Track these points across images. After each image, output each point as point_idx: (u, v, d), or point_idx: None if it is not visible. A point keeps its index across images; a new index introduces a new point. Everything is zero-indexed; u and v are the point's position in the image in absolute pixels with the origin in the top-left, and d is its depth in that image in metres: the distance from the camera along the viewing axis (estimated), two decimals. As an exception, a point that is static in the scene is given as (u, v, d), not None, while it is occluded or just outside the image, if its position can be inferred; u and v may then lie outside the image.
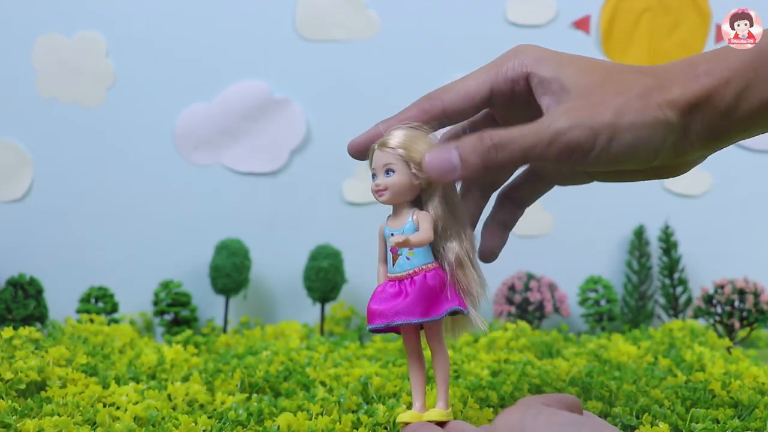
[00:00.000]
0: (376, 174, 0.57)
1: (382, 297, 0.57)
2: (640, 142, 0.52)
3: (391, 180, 0.57)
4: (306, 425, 0.71)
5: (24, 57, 1.27)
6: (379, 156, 0.57)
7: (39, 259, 1.28)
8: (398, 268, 0.57)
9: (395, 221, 0.58)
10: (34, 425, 0.69)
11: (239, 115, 1.30)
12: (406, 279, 0.57)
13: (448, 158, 0.54)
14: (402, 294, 0.56)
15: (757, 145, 1.34)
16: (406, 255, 0.57)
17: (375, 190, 0.57)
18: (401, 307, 0.56)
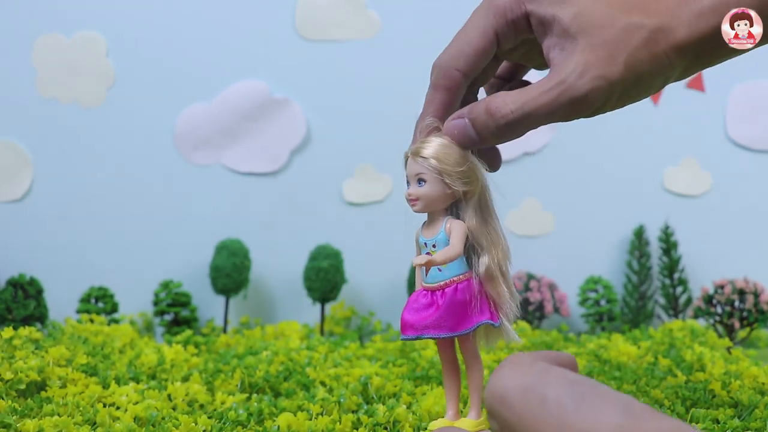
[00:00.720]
0: (410, 182, 0.57)
1: (415, 307, 0.57)
2: (645, 92, 0.53)
3: (423, 191, 0.56)
4: (306, 425, 0.71)
5: (24, 57, 1.27)
6: (412, 165, 0.57)
7: (39, 259, 1.28)
8: (431, 279, 0.57)
9: (429, 229, 0.58)
10: (34, 425, 0.69)
11: (239, 115, 1.30)
12: (438, 290, 0.56)
13: (465, 132, 0.55)
14: (433, 306, 0.56)
15: (757, 145, 1.34)
16: (440, 266, 0.56)
17: (408, 199, 0.57)
18: (430, 321, 0.56)
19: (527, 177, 1.33)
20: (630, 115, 1.34)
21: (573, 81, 0.52)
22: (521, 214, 1.34)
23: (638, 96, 0.54)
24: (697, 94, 1.34)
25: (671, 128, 1.34)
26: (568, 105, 0.52)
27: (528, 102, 0.53)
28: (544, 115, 0.52)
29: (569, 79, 0.52)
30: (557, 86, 0.52)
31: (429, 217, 0.58)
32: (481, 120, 0.54)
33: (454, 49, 0.59)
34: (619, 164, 1.34)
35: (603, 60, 0.51)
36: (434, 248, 0.56)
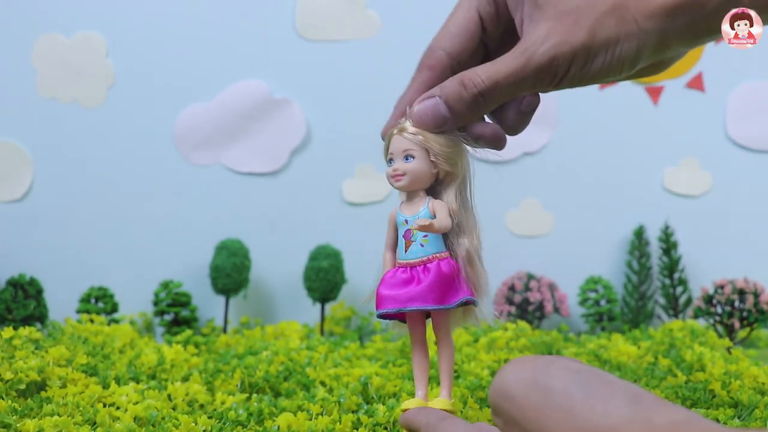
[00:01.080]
0: (394, 159, 0.57)
1: (393, 282, 0.57)
2: (614, 59, 0.52)
3: (411, 166, 0.56)
4: (306, 425, 0.71)
5: (24, 57, 1.27)
6: (399, 141, 0.57)
7: (39, 259, 1.28)
8: (411, 255, 0.57)
9: (409, 207, 0.58)
10: (34, 425, 0.69)
11: (239, 115, 1.30)
12: (418, 266, 0.56)
13: (437, 109, 0.55)
14: (414, 280, 0.56)
15: (757, 145, 1.34)
16: (420, 242, 0.56)
17: (392, 175, 0.57)
18: (415, 293, 0.55)
19: (527, 177, 1.33)
20: (630, 115, 1.34)
21: (536, 48, 0.52)
22: (521, 214, 1.34)
23: (610, 65, 0.52)
24: (697, 94, 1.34)
25: (671, 128, 1.34)
26: (534, 73, 0.52)
27: (496, 71, 0.53)
28: (513, 84, 0.53)
29: (533, 47, 0.52)
30: (522, 54, 0.53)
31: (408, 196, 0.58)
32: (455, 93, 0.54)
33: (441, 30, 0.60)
34: (619, 164, 1.34)
35: (567, 26, 0.51)
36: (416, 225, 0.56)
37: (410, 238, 0.57)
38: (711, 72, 1.33)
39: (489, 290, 0.60)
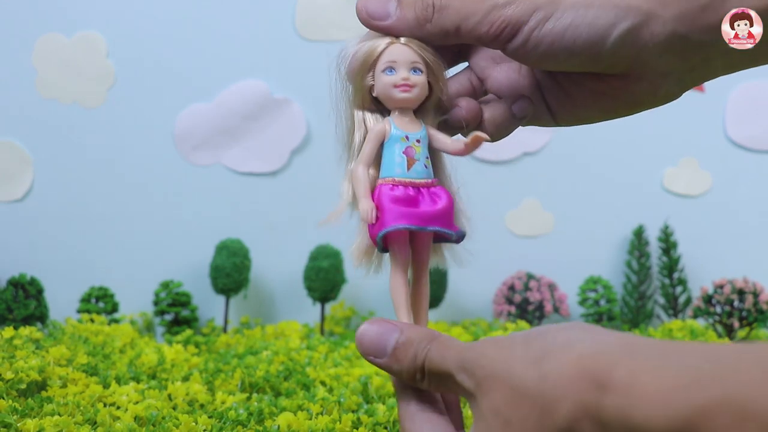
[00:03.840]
0: (397, 68, 0.51)
1: (401, 198, 0.50)
2: (582, 22, 0.45)
3: (420, 79, 0.51)
4: (306, 425, 0.71)
5: (24, 57, 1.27)
6: (404, 51, 0.51)
7: (39, 259, 1.28)
8: (416, 174, 0.51)
9: (407, 124, 0.52)
10: (35, 425, 0.69)
11: (239, 115, 1.30)
12: (424, 188, 0.51)
13: (384, 3, 0.50)
14: (425, 200, 0.51)
15: (757, 145, 1.35)
16: (423, 162, 0.52)
17: (400, 84, 0.50)
18: (434, 213, 0.50)
19: (527, 177, 1.34)
20: (630, 116, 1.34)
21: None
22: (521, 214, 1.34)
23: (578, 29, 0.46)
24: (696, 94, 1.34)
25: (671, 128, 1.34)
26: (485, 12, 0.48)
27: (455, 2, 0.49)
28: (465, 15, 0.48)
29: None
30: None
31: (401, 113, 0.52)
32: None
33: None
34: (618, 164, 1.34)
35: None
36: (418, 144, 0.52)
37: (414, 156, 0.52)
38: (711, 72, 1.33)
39: None
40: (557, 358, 0.36)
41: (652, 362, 0.32)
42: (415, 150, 0.51)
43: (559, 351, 0.36)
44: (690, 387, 0.29)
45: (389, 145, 0.52)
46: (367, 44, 0.51)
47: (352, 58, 0.51)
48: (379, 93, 0.51)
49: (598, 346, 0.35)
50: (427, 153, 0.52)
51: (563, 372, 0.35)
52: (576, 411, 0.33)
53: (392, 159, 0.52)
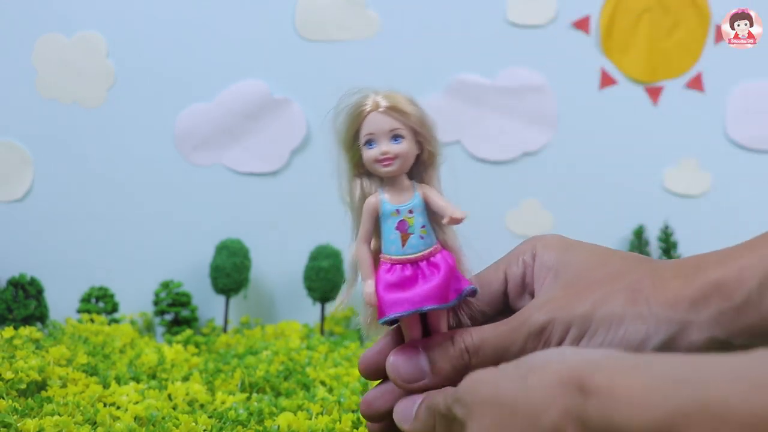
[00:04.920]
0: (377, 140, 0.50)
1: (397, 281, 0.50)
2: (617, 339, 0.44)
3: (401, 148, 0.50)
4: (306, 425, 0.71)
5: (24, 57, 1.27)
6: (381, 119, 0.50)
7: (39, 259, 1.28)
8: (411, 249, 0.50)
9: (396, 195, 0.51)
10: (35, 425, 0.69)
11: (239, 115, 1.30)
12: (421, 260, 0.50)
13: (416, 363, 0.49)
14: (421, 277, 0.50)
15: (757, 145, 1.34)
16: (419, 233, 0.50)
17: (381, 159, 0.49)
18: (430, 290, 0.49)
19: (527, 177, 1.33)
20: (630, 115, 1.34)
21: (533, 312, 0.47)
22: (521, 214, 1.34)
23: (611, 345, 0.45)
24: (696, 94, 1.34)
25: (671, 128, 1.34)
26: (525, 336, 0.47)
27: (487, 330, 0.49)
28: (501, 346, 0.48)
29: (529, 311, 0.48)
30: (518, 317, 0.48)
31: (391, 182, 0.51)
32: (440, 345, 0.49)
33: None
34: (618, 164, 1.34)
35: (571, 294, 0.46)
36: (410, 215, 0.50)
37: (407, 230, 0.51)
38: (711, 72, 1.33)
39: None
40: (543, 370, 0.36)
41: (632, 367, 0.33)
42: (407, 223, 0.50)
43: (545, 364, 0.37)
44: (670, 389, 0.30)
45: (383, 220, 0.51)
46: (346, 113, 0.51)
47: (337, 128, 0.51)
48: (366, 166, 0.51)
49: (582, 356, 0.36)
50: (423, 220, 0.51)
51: (547, 382, 0.35)
52: (561, 417, 0.34)
53: (387, 236, 0.51)
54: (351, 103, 0.51)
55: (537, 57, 1.32)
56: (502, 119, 1.32)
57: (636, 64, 1.32)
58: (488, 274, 0.53)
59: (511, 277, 0.51)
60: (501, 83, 1.32)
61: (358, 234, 0.52)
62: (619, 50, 1.32)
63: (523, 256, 0.51)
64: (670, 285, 0.44)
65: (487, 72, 1.32)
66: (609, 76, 1.33)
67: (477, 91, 1.31)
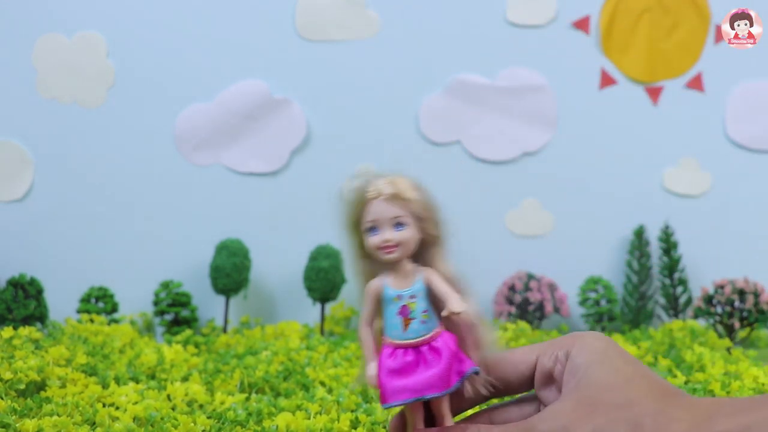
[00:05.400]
0: (379, 227, 0.50)
1: (398, 368, 0.50)
2: None
3: (404, 236, 0.50)
4: (304, 424, 0.71)
5: (24, 57, 1.27)
6: (383, 207, 0.50)
7: (39, 259, 1.28)
8: (413, 334, 0.51)
9: (398, 280, 0.51)
10: (34, 425, 0.69)
11: (239, 115, 1.30)
12: (422, 345, 0.51)
13: None
14: (423, 362, 0.50)
15: (757, 145, 1.34)
16: (420, 318, 0.51)
17: (382, 247, 0.50)
18: (432, 378, 0.50)
19: (527, 177, 1.33)
20: (630, 115, 1.34)
21: (539, 423, 0.48)
22: (521, 214, 1.34)
23: None
24: (696, 94, 1.34)
25: (671, 128, 1.34)
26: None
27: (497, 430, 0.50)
28: None
29: (537, 420, 0.49)
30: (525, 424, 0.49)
31: (395, 267, 0.51)
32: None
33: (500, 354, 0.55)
34: (619, 164, 1.34)
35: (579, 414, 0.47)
36: (412, 300, 0.51)
37: (408, 315, 0.51)
38: (711, 72, 1.33)
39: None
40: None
41: None
42: (409, 309, 0.51)
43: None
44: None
45: (385, 304, 0.51)
46: (349, 200, 0.51)
47: (342, 213, 0.51)
48: (369, 252, 0.51)
49: None
50: (425, 305, 0.51)
51: None
52: None
53: (390, 320, 0.51)
54: (354, 188, 0.51)
55: (537, 57, 1.32)
56: (502, 119, 1.32)
57: (636, 64, 1.32)
58: (520, 355, 0.53)
59: (541, 367, 0.52)
60: (501, 83, 1.32)
61: (361, 316, 0.52)
62: (619, 50, 1.32)
63: (559, 352, 0.51)
64: (670, 428, 0.44)
65: (487, 72, 1.31)
66: (609, 76, 1.33)
67: (477, 91, 1.31)
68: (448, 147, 1.32)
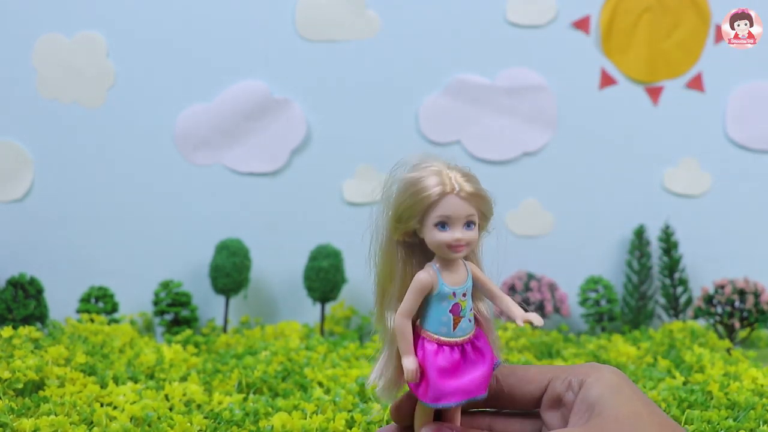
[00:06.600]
0: (451, 224, 0.48)
1: (450, 367, 0.49)
2: None
3: (473, 235, 0.49)
4: (300, 424, 0.71)
5: (24, 57, 1.27)
6: (460, 204, 0.48)
7: (39, 259, 1.28)
8: (461, 332, 0.49)
9: (452, 275, 0.49)
10: (31, 424, 0.70)
11: (239, 115, 1.30)
12: (467, 343, 0.50)
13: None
14: (469, 362, 0.49)
15: (757, 145, 1.34)
16: (468, 317, 0.50)
17: (453, 245, 0.48)
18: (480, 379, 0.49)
19: (527, 177, 1.33)
20: (630, 115, 1.34)
21: None
22: (521, 214, 1.34)
23: None
24: (696, 94, 1.33)
25: (671, 128, 1.34)
26: None
27: None
28: None
29: None
30: None
31: (448, 263, 0.49)
32: None
33: (510, 365, 0.56)
34: (619, 164, 1.34)
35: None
36: (464, 298, 0.49)
37: (459, 313, 0.49)
38: (711, 72, 1.33)
39: None
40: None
41: None
42: (461, 306, 0.49)
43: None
44: None
45: (436, 300, 0.49)
46: (419, 184, 0.48)
47: (399, 195, 0.48)
48: (429, 244, 0.48)
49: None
50: (470, 302, 0.50)
51: None
52: None
53: (438, 317, 0.49)
54: (410, 179, 0.48)
55: (537, 57, 1.32)
56: (502, 119, 1.32)
57: (636, 64, 1.32)
58: (534, 374, 0.52)
59: (551, 390, 0.51)
60: (501, 83, 1.31)
61: (402, 307, 0.49)
62: (619, 50, 1.32)
63: (573, 379, 0.51)
64: None
65: (487, 72, 1.31)
66: (609, 76, 1.32)
67: (477, 91, 1.31)
68: (448, 147, 1.32)
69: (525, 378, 0.52)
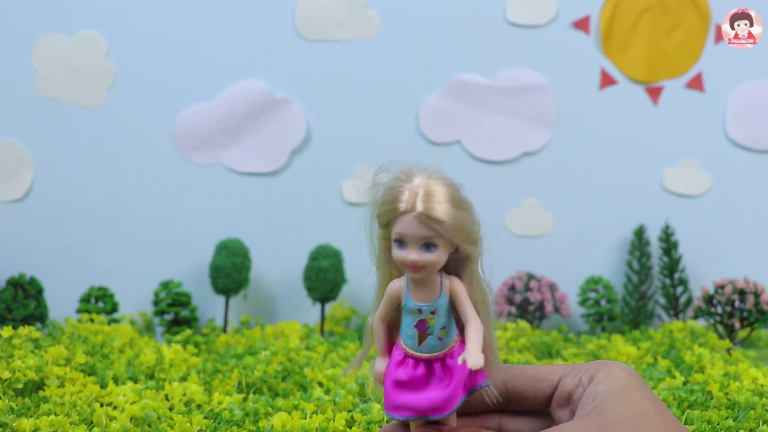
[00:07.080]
0: (407, 244, 0.46)
1: (408, 380, 0.47)
2: None
3: (433, 258, 0.45)
4: (300, 424, 0.71)
5: (24, 57, 1.28)
6: (415, 227, 0.45)
7: (39, 259, 1.28)
8: (427, 349, 0.47)
9: (421, 291, 0.47)
10: (30, 424, 0.69)
11: (239, 115, 1.30)
12: (437, 361, 0.47)
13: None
14: (433, 379, 0.47)
15: (757, 145, 1.34)
16: (438, 335, 0.47)
17: (410, 266, 0.46)
18: (439, 400, 0.47)
19: (527, 177, 1.33)
20: (630, 115, 1.34)
21: None
22: (521, 214, 1.34)
23: None
24: (696, 94, 1.33)
25: (671, 128, 1.34)
26: None
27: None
28: None
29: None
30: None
31: (416, 280, 0.47)
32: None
33: (519, 365, 0.56)
34: (619, 164, 1.34)
35: None
36: (432, 315, 0.47)
37: (426, 330, 0.47)
38: (711, 72, 1.33)
39: None
40: None
41: None
42: (428, 323, 0.47)
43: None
44: None
45: (404, 312, 0.48)
46: (387, 195, 0.46)
47: (376, 200, 0.47)
48: (394, 260, 0.47)
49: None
50: (445, 320, 0.47)
51: None
52: None
53: (405, 329, 0.48)
54: (388, 186, 0.47)
55: (537, 57, 1.32)
56: (502, 119, 1.32)
57: (636, 64, 1.32)
58: (544, 373, 0.52)
59: (562, 388, 0.51)
60: (501, 83, 1.31)
61: (377, 311, 0.48)
62: (619, 50, 1.32)
63: (583, 376, 0.50)
64: None
65: (487, 72, 1.31)
66: (609, 76, 1.32)
67: (477, 91, 1.31)
68: (448, 147, 1.32)
69: (536, 377, 0.52)
